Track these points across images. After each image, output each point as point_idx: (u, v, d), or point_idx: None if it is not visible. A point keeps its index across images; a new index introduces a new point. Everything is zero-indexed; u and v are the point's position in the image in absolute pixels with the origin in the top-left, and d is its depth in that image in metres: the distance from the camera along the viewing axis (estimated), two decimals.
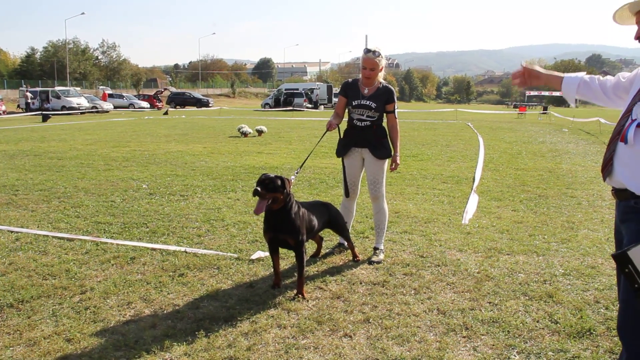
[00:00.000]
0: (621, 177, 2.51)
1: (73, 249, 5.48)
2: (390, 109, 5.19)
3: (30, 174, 10.24)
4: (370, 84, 5.12)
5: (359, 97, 5.13)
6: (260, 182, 4.19)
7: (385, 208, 5.38)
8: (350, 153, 5.27)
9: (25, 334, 3.64)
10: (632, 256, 2.35)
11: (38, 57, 75.15)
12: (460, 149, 15.22)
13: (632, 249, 2.35)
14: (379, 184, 5.26)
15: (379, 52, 4.98)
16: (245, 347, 3.48)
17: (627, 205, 2.51)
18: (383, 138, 5.21)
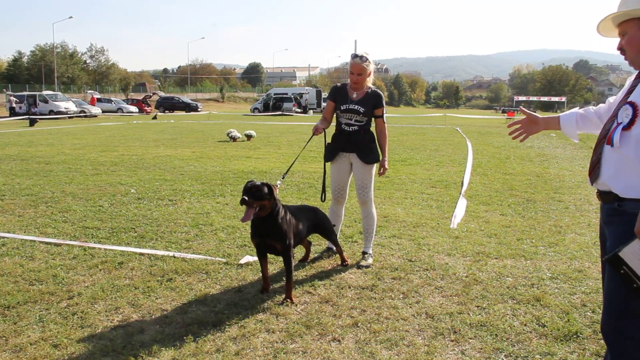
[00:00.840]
0: (606, 180, 2.54)
1: (60, 254, 5.44)
2: (378, 113, 5.18)
3: (17, 179, 10.16)
4: (358, 89, 5.12)
5: (347, 102, 5.13)
6: (246, 191, 4.18)
7: (374, 212, 5.38)
8: (338, 158, 5.27)
9: (12, 339, 3.61)
10: (624, 256, 2.38)
11: (25, 61, 74.77)
12: (448, 154, 15.29)
13: (623, 250, 2.37)
14: (367, 189, 5.25)
15: (366, 57, 5.00)
16: (233, 351, 3.47)
17: (611, 208, 2.55)
18: (371, 143, 5.21)
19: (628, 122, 2.44)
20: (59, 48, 74.50)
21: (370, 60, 5.04)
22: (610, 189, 2.53)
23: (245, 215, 4.16)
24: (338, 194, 5.37)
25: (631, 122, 2.43)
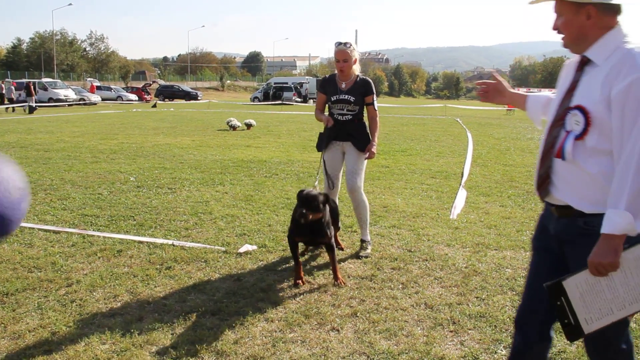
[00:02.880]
0: (564, 196, 2.29)
1: (59, 241, 5.43)
2: (369, 101, 5.14)
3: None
4: (346, 78, 5.09)
5: (337, 92, 5.10)
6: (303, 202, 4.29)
7: (365, 200, 5.31)
8: (331, 146, 5.23)
9: (10, 327, 3.60)
10: (567, 287, 2.18)
11: (24, 48, 74.53)
12: (449, 145, 15.26)
13: (567, 280, 2.18)
14: (357, 175, 5.15)
15: (350, 43, 4.96)
16: (232, 340, 3.47)
17: (574, 225, 2.28)
18: (365, 131, 5.19)
19: (580, 131, 2.18)
20: (59, 35, 74.34)
21: (354, 47, 4.99)
22: (571, 205, 2.27)
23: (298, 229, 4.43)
24: (329, 183, 5.29)
25: (584, 131, 2.17)
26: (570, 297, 2.16)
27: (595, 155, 2.16)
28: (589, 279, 2.13)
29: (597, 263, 2.07)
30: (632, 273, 2.10)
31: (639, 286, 2.10)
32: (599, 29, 2.18)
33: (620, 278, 2.10)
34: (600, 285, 2.13)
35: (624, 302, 2.12)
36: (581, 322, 2.17)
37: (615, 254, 2.05)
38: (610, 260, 2.06)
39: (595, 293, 2.14)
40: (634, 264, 2.09)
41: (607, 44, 2.17)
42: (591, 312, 2.16)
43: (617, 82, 2.06)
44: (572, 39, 2.26)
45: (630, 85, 2.02)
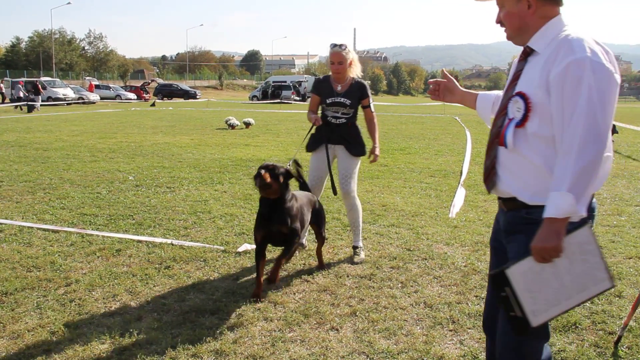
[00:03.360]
0: (508, 187, 2.27)
1: (58, 240, 5.43)
2: (365, 103, 5.06)
3: (15, 165, 10.13)
4: (342, 80, 5.00)
5: (332, 95, 5.00)
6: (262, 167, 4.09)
7: (358, 204, 5.19)
8: (320, 148, 5.13)
9: (9, 326, 3.60)
10: (511, 276, 2.10)
11: (23, 47, 74.38)
12: (447, 143, 15.26)
13: (511, 268, 2.10)
14: (350, 179, 5.07)
15: (345, 45, 4.88)
16: (231, 339, 3.46)
17: (517, 216, 2.27)
18: (358, 136, 5.08)
19: (521, 117, 2.17)
20: (57, 34, 74.19)
21: (349, 49, 4.90)
22: (515, 196, 2.24)
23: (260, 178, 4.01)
24: (315, 184, 5.18)
25: (525, 117, 2.15)
26: (515, 287, 2.09)
27: (537, 143, 2.15)
28: (534, 267, 2.06)
29: (540, 248, 2.02)
30: (577, 260, 2.04)
31: (584, 274, 2.05)
32: (540, 18, 2.18)
33: (565, 265, 2.05)
34: (545, 274, 2.07)
35: (571, 292, 2.07)
36: (528, 314, 2.10)
37: (558, 237, 2.00)
38: (554, 244, 2.00)
39: (541, 282, 2.08)
40: (578, 250, 2.03)
41: (547, 33, 2.17)
42: (538, 304, 2.09)
43: (555, 66, 2.05)
44: (514, 30, 2.26)
45: (566, 68, 2.01)
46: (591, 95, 1.96)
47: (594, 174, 1.98)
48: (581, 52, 2.00)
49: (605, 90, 1.99)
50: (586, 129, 1.96)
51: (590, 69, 1.97)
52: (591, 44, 2.03)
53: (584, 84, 1.97)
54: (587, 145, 1.96)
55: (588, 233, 2.03)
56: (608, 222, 6.41)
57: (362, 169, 9.83)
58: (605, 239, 5.72)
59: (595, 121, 1.96)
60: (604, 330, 3.65)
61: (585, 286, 2.05)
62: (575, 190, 1.97)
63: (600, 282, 2.05)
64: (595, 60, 1.99)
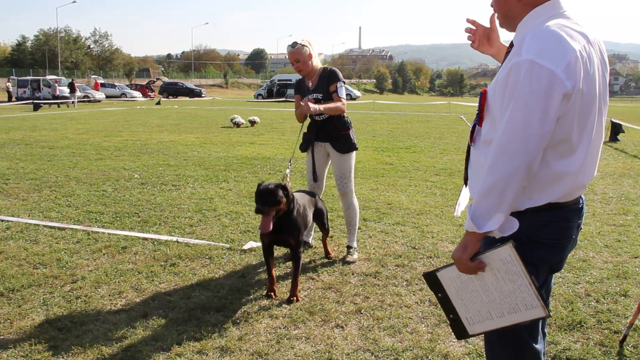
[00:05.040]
0: (470, 185, 2.17)
1: (64, 238, 5.45)
2: (332, 89, 4.82)
3: (22, 163, 10.17)
4: (310, 76, 4.93)
5: (306, 93, 4.96)
6: (260, 197, 3.91)
7: (356, 204, 5.15)
8: (313, 148, 5.08)
9: (16, 323, 3.62)
10: (442, 279, 2.03)
11: (29, 46, 74.56)
12: (453, 142, 15.24)
13: (442, 271, 2.03)
14: (346, 179, 5.02)
15: (297, 42, 4.77)
16: (236, 337, 3.47)
17: None
18: (345, 131, 4.95)
19: (477, 116, 2.04)
20: (63, 33, 74.32)
21: (303, 44, 4.78)
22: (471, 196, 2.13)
23: (264, 224, 3.91)
24: (313, 184, 5.15)
25: (479, 117, 2.02)
26: (447, 291, 2.03)
27: (485, 145, 2.01)
28: (462, 276, 1.99)
29: (453, 257, 1.96)
30: (504, 278, 1.91)
31: (513, 295, 1.91)
32: (525, 5, 1.96)
33: (492, 281, 1.94)
34: (473, 284, 1.98)
35: (502, 310, 1.96)
36: (463, 321, 2.05)
37: (464, 250, 1.91)
38: (458, 255, 1.93)
39: (470, 292, 2.00)
40: (503, 268, 1.90)
41: (525, 24, 1.96)
42: (470, 313, 2.03)
43: (503, 67, 1.89)
44: (501, 15, 2.08)
45: (509, 71, 1.82)
46: (518, 104, 1.76)
47: (506, 191, 1.81)
48: (526, 53, 1.77)
49: (539, 99, 1.75)
50: (503, 141, 1.79)
51: (527, 73, 1.75)
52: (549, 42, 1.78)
53: (517, 91, 1.77)
54: (500, 159, 1.80)
55: (510, 252, 1.87)
56: (614, 222, 6.40)
57: (367, 167, 9.85)
58: (611, 238, 5.71)
59: (516, 134, 1.77)
60: (609, 329, 3.64)
61: (516, 308, 1.93)
62: (482, 206, 1.85)
63: (532, 308, 1.90)
64: (538, 62, 1.74)
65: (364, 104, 42.32)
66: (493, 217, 1.85)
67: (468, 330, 2.06)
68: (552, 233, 2.00)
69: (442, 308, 2.10)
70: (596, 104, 1.92)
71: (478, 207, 1.87)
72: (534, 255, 1.98)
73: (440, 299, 2.07)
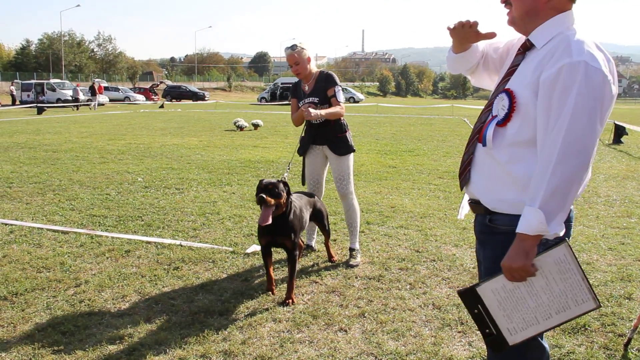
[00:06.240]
0: (475, 188, 2.15)
1: (68, 241, 5.46)
2: (330, 93, 4.83)
3: (25, 167, 10.19)
4: (307, 79, 4.93)
5: (302, 96, 4.95)
6: (263, 189, 3.98)
7: (356, 205, 5.14)
8: (311, 151, 5.08)
9: (20, 327, 3.62)
10: (482, 294, 1.98)
11: (33, 50, 74.78)
12: (456, 145, 15.22)
13: (482, 285, 1.98)
14: (346, 182, 5.02)
15: (297, 45, 4.78)
16: (240, 340, 3.47)
17: (482, 223, 2.16)
18: (342, 134, 4.95)
19: (504, 116, 2.01)
20: (67, 36, 74.53)
21: (302, 47, 4.80)
22: (479, 199, 2.12)
23: (263, 216, 3.95)
24: (313, 187, 5.16)
25: (507, 117, 2.00)
26: (488, 305, 1.97)
27: (512, 146, 2.00)
28: (507, 285, 1.94)
29: (508, 267, 1.90)
30: (555, 279, 1.90)
31: (564, 294, 1.90)
32: (551, 9, 1.98)
33: (542, 284, 1.91)
34: (520, 292, 1.94)
35: (550, 311, 1.93)
36: (504, 332, 2.00)
37: (527, 257, 1.87)
38: (521, 263, 1.87)
39: (515, 301, 1.95)
40: (555, 269, 1.89)
41: (551, 28, 1.98)
42: (514, 322, 1.97)
43: (548, 67, 1.88)
44: (522, 15, 2.04)
45: (559, 71, 1.84)
46: (579, 104, 1.79)
47: (572, 190, 1.84)
48: (578, 55, 1.82)
49: (597, 99, 1.81)
50: (568, 141, 1.80)
51: (584, 75, 1.80)
52: (592, 48, 1.86)
53: (574, 91, 1.80)
54: (566, 158, 1.81)
55: (565, 252, 1.87)
56: (618, 224, 6.38)
57: (371, 170, 9.84)
58: (614, 240, 5.69)
59: (580, 133, 1.80)
60: (613, 332, 3.63)
61: (566, 306, 1.92)
62: (548, 208, 1.83)
63: (582, 303, 1.90)
64: (593, 65, 1.81)
65: (367, 107, 42.34)
66: (556, 217, 1.87)
67: (509, 340, 2.01)
68: (567, 232, 2.05)
69: (477, 324, 2.04)
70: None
71: (545, 208, 1.84)
72: None
73: (475, 315, 2.02)
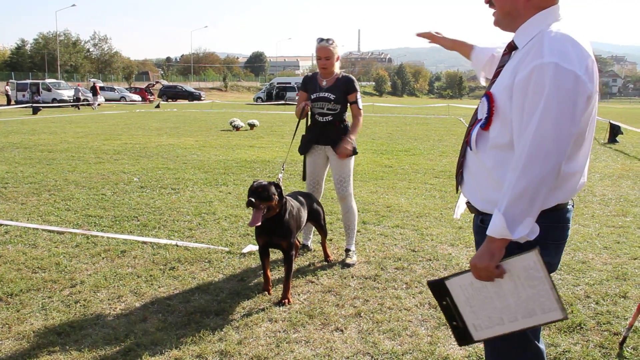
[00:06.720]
0: (466, 190, 2.15)
1: (63, 242, 5.44)
2: (352, 99, 4.89)
3: (20, 167, 10.16)
4: (328, 75, 4.89)
5: (317, 90, 4.89)
6: (253, 191, 3.98)
7: (354, 207, 5.13)
8: (312, 150, 5.03)
9: (15, 327, 3.61)
10: (450, 287, 2.01)
11: (28, 49, 74.59)
12: (452, 144, 15.25)
13: (451, 279, 2.01)
14: (346, 183, 4.99)
15: (332, 40, 4.79)
16: (236, 340, 3.47)
17: (476, 223, 2.17)
18: (345, 135, 4.91)
19: (484, 120, 2.00)
20: (62, 36, 74.36)
21: (336, 44, 4.82)
22: (469, 200, 2.13)
23: (253, 218, 3.97)
24: (313, 187, 5.11)
25: (487, 120, 1.99)
26: (455, 299, 2.00)
27: (494, 149, 1.99)
28: (475, 283, 1.95)
29: (474, 265, 1.92)
30: (523, 284, 1.88)
31: (531, 300, 1.89)
32: (532, 7, 1.95)
33: (510, 287, 1.91)
34: (487, 291, 1.95)
35: (516, 314, 1.93)
36: (469, 327, 2.03)
37: (491, 258, 1.87)
38: (485, 264, 1.88)
39: (482, 299, 1.97)
40: (524, 275, 1.87)
41: (532, 26, 1.94)
42: (480, 319, 1.99)
43: (521, 69, 1.85)
44: (503, 14, 2.03)
45: (531, 73, 1.80)
46: (548, 107, 1.76)
47: (539, 194, 1.81)
48: (549, 56, 1.77)
49: (567, 101, 1.76)
50: (535, 144, 1.77)
51: (554, 77, 1.75)
52: (567, 46, 1.80)
53: (544, 93, 1.76)
54: (532, 163, 1.78)
55: (535, 259, 1.85)
56: (613, 223, 6.39)
57: (367, 170, 9.84)
58: (610, 239, 5.71)
59: (548, 136, 1.76)
60: (609, 331, 3.64)
61: (532, 312, 1.91)
62: (513, 212, 1.82)
63: (549, 312, 1.88)
64: (563, 66, 1.75)
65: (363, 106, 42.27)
66: (524, 221, 1.83)
67: (474, 336, 2.04)
68: (558, 234, 2.02)
69: (445, 315, 2.07)
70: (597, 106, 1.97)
71: (509, 212, 1.83)
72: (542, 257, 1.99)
73: (444, 307, 2.04)
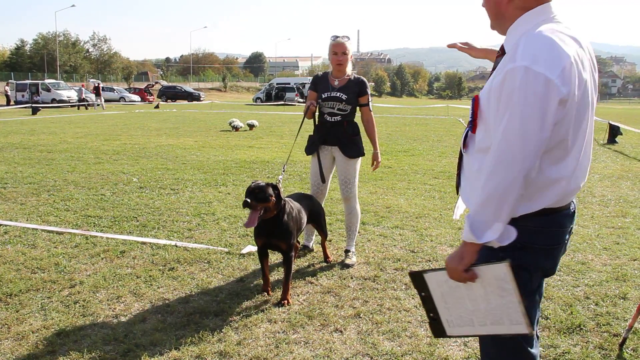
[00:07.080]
0: (462, 191, 2.14)
1: (62, 242, 5.44)
2: (363, 101, 4.90)
3: (20, 167, 10.16)
4: (341, 74, 4.86)
5: (328, 89, 4.86)
6: (250, 192, 3.97)
7: (358, 209, 5.13)
8: (319, 151, 5.02)
9: (14, 327, 3.60)
10: (428, 281, 2.04)
11: (28, 50, 74.58)
12: (451, 145, 15.24)
13: (429, 274, 2.03)
14: (351, 184, 4.98)
15: (348, 37, 4.79)
16: (235, 341, 3.46)
17: None
18: (355, 136, 4.93)
19: (471, 123, 2.01)
20: (62, 37, 74.37)
21: (351, 41, 4.83)
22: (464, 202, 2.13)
23: (249, 219, 3.95)
24: (317, 188, 5.10)
25: (473, 124, 1.99)
26: (432, 293, 2.03)
27: (480, 152, 1.98)
28: (450, 281, 1.97)
29: (446, 264, 1.94)
30: (494, 293, 1.90)
31: (500, 309, 1.91)
32: (516, 9, 1.92)
33: (481, 293, 1.93)
34: (460, 292, 1.97)
35: (485, 319, 1.97)
36: (443, 322, 2.07)
37: (460, 260, 1.88)
38: (454, 265, 1.90)
39: (456, 298, 2.00)
40: (495, 284, 1.89)
41: (518, 28, 1.91)
42: (452, 316, 2.04)
43: (498, 73, 1.83)
44: (492, 18, 2.02)
45: (504, 77, 1.78)
46: (515, 112, 1.74)
47: (506, 200, 1.79)
48: (521, 59, 1.74)
49: (535, 106, 1.72)
50: (501, 149, 1.77)
51: (522, 81, 1.72)
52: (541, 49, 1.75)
53: (513, 98, 1.74)
54: (498, 168, 1.78)
55: (505, 270, 1.85)
56: (613, 224, 6.40)
57: (365, 171, 9.83)
58: (609, 240, 5.71)
59: (513, 141, 1.75)
60: (608, 332, 3.64)
61: (500, 321, 1.93)
62: (481, 217, 1.83)
63: (515, 324, 1.91)
64: (533, 69, 1.71)
65: None
66: (492, 226, 1.83)
67: (447, 331, 2.08)
68: (546, 239, 1.99)
69: (424, 306, 2.10)
70: (589, 108, 1.92)
71: (476, 217, 1.84)
72: (528, 261, 1.98)
73: (423, 298, 2.08)
